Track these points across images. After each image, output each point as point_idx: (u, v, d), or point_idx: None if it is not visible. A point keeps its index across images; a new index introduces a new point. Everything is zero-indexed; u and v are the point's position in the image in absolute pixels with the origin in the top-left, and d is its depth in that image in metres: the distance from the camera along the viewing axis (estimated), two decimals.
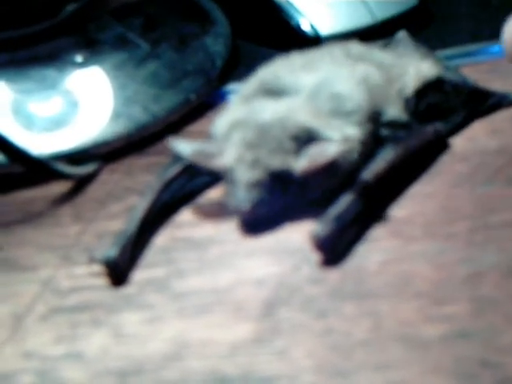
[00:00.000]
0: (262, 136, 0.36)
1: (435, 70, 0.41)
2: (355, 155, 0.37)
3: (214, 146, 0.38)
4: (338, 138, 0.36)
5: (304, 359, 0.30)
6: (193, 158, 0.38)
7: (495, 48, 0.47)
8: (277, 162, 0.36)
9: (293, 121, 0.36)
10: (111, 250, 0.36)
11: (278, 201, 0.36)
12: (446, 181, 0.38)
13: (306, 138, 0.36)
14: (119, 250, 0.36)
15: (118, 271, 0.36)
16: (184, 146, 0.38)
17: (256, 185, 0.36)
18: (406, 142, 0.38)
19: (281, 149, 0.36)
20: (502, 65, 0.45)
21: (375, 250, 0.35)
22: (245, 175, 0.36)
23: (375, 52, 0.42)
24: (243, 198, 0.35)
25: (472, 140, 0.40)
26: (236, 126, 0.37)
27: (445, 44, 0.48)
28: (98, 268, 0.36)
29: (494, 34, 0.48)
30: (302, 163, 0.36)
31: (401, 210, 0.37)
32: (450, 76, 0.41)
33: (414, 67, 0.40)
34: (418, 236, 0.35)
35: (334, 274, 0.34)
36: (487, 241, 0.34)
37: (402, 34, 0.44)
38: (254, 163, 0.36)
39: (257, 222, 0.37)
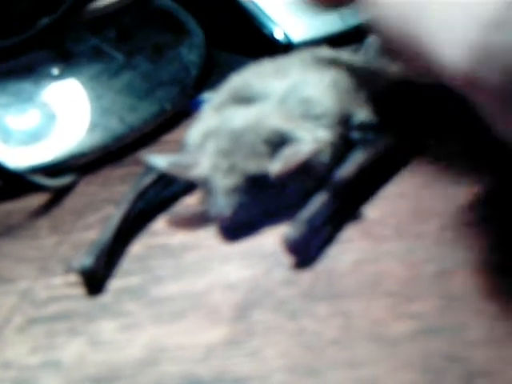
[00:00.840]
0: (235, 142, 0.37)
1: (404, 73, 0.41)
2: (327, 157, 0.37)
3: (189, 157, 0.38)
4: (310, 139, 0.37)
5: (276, 359, 0.31)
6: (169, 171, 0.38)
7: None
8: (252, 167, 0.36)
9: (264, 125, 0.37)
10: (86, 260, 0.36)
11: (256, 205, 0.37)
12: (416, 181, 0.38)
13: (278, 141, 0.37)
14: (94, 260, 0.36)
15: (94, 280, 0.36)
16: (159, 159, 0.38)
17: (234, 190, 0.36)
18: (377, 144, 0.39)
19: (255, 153, 0.36)
20: None
21: (346, 250, 0.35)
22: (222, 182, 0.36)
23: (344, 57, 0.43)
24: (223, 204, 0.36)
25: (441, 141, 0.41)
26: (209, 135, 0.38)
27: None
28: (74, 278, 0.36)
29: None
30: (276, 165, 0.36)
31: (372, 210, 0.37)
32: (418, 79, 0.42)
33: (382, 71, 0.41)
34: (388, 236, 0.35)
35: (305, 276, 0.34)
36: (456, 239, 0.34)
37: (371, 40, 0.45)
38: (230, 169, 0.36)
39: (234, 228, 0.37)
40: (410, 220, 0.36)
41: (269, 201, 0.37)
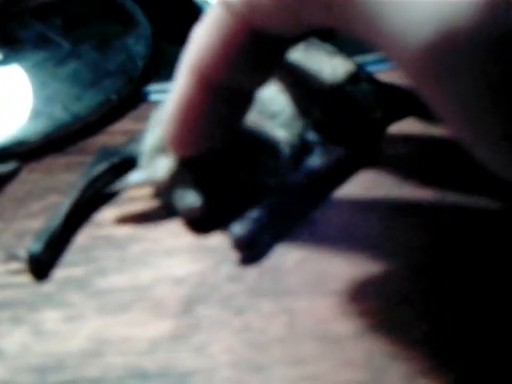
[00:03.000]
0: None
1: (349, 66, 0.41)
2: (286, 155, 0.38)
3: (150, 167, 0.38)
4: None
5: (221, 355, 0.31)
6: (143, 183, 0.38)
7: None
8: None
9: None
10: (35, 246, 0.36)
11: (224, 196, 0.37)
12: (362, 184, 0.39)
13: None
14: (43, 246, 0.36)
15: (41, 267, 0.36)
16: (133, 178, 0.38)
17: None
18: (332, 150, 0.39)
19: None
20: None
21: (292, 248, 0.36)
22: (190, 175, 0.36)
23: (289, 55, 0.43)
24: (192, 195, 0.36)
25: (386, 144, 0.41)
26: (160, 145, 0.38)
27: (361, 50, 0.50)
28: (18, 266, 0.36)
29: None
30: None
31: (318, 211, 0.38)
32: (363, 75, 0.42)
33: (328, 65, 0.41)
34: (333, 236, 0.36)
35: (252, 272, 0.35)
36: (397, 241, 0.35)
37: (312, 38, 0.45)
38: None
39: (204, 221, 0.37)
40: (354, 221, 0.37)
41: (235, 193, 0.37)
